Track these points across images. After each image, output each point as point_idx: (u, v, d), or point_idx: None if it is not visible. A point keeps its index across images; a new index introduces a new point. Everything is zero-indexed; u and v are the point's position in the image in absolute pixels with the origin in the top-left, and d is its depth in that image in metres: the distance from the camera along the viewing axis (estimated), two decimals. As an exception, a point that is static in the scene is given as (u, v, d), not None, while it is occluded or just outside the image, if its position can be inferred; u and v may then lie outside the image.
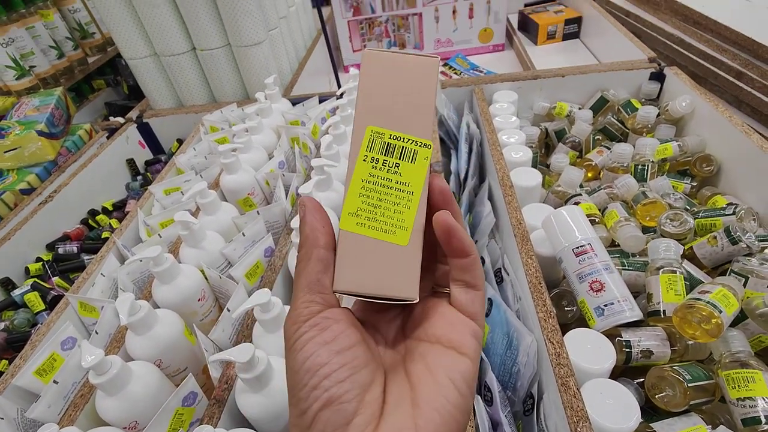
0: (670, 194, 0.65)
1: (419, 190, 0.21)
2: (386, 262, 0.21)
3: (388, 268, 0.21)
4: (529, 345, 0.46)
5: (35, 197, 0.80)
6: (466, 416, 0.19)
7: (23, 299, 0.66)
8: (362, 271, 0.21)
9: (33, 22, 1.04)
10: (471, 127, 0.81)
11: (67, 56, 1.15)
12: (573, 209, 0.53)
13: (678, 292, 0.47)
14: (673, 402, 0.41)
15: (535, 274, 0.50)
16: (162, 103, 1.04)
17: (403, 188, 0.21)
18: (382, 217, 0.21)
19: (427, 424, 0.18)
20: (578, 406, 0.38)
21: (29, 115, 0.89)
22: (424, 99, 0.22)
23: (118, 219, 0.83)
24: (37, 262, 0.73)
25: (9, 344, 0.62)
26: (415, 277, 0.21)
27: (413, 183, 0.21)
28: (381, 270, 0.21)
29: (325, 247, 0.21)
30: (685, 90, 0.79)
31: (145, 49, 0.96)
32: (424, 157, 0.21)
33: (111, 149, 0.93)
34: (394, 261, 0.21)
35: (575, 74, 0.90)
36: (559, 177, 0.72)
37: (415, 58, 0.22)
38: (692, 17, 0.98)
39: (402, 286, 0.20)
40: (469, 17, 1.30)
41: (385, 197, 0.21)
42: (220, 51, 0.95)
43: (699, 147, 0.74)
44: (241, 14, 0.89)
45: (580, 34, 1.27)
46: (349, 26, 1.32)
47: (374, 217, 0.21)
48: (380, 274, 0.21)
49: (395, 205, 0.21)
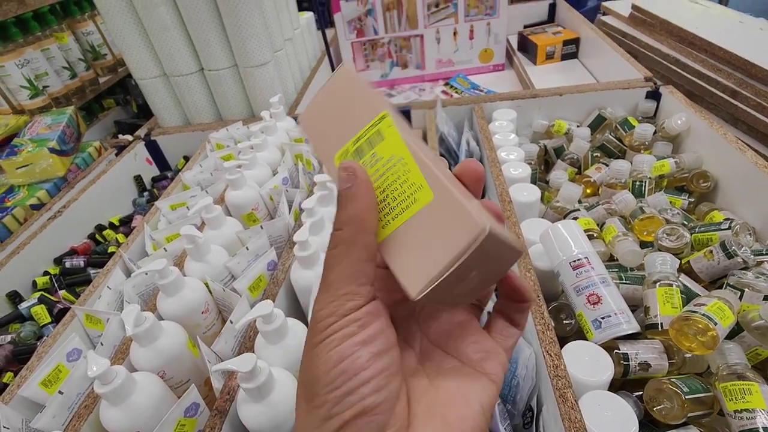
0: (667, 209, 0.66)
1: (406, 151, 0.20)
2: (434, 226, 0.18)
3: (441, 229, 0.17)
4: (527, 357, 0.47)
5: (44, 212, 0.82)
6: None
7: (30, 312, 0.67)
8: (426, 253, 0.17)
9: (48, 44, 1.08)
10: (471, 144, 0.82)
11: (79, 76, 1.19)
12: (570, 224, 0.54)
13: (675, 305, 0.47)
14: (672, 414, 0.41)
15: (533, 287, 0.51)
16: (170, 121, 1.07)
17: (392, 163, 0.20)
18: (397, 199, 0.19)
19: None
20: (576, 417, 0.39)
21: (41, 133, 0.92)
22: (356, 91, 0.22)
23: (125, 234, 0.84)
24: (44, 276, 0.74)
25: (15, 356, 0.63)
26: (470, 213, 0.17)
27: (396, 152, 0.20)
28: (438, 237, 0.17)
29: (373, 233, 0.18)
30: (681, 108, 0.81)
31: (155, 70, 0.99)
32: (387, 125, 0.21)
33: (119, 166, 0.96)
34: (439, 219, 0.18)
35: (573, 93, 0.92)
36: (557, 193, 0.74)
37: (331, 80, 0.24)
38: (687, 38, 1.01)
39: (467, 230, 0.17)
40: (469, 38, 1.34)
41: (385, 184, 0.20)
42: (227, 71, 0.98)
43: (696, 163, 0.75)
44: (248, 36, 0.92)
45: (578, 55, 1.30)
46: (353, 47, 1.36)
47: (391, 206, 0.19)
48: (441, 241, 0.17)
49: (397, 180, 0.19)
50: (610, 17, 1.34)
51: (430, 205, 0.18)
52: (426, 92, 1.36)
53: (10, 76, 1.00)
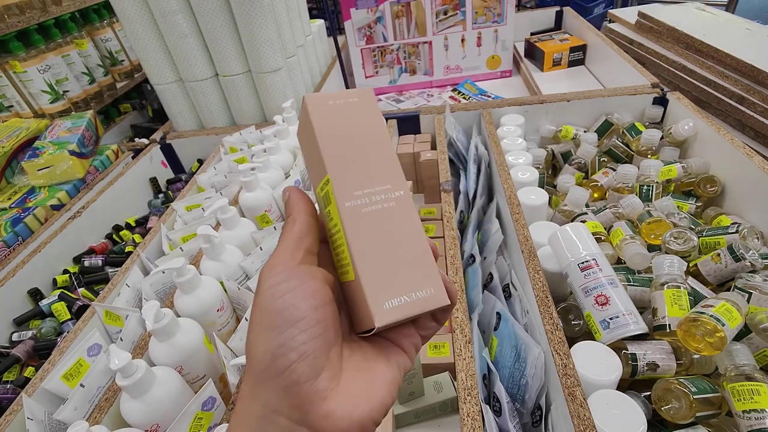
0: (674, 214, 0.66)
1: (340, 225, 0.22)
2: (356, 301, 0.22)
3: (359, 306, 0.22)
4: (536, 357, 0.47)
5: (64, 212, 0.84)
6: None
7: (50, 309, 0.69)
8: (357, 316, 0.22)
9: (68, 50, 1.12)
10: (479, 149, 0.84)
11: (97, 82, 1.23)
12: (578, 226, 0.55)
13: (683, 306, 0.48)
14: (680, 414, 0.42)
15: (542, 289, 0.52)
16: (185, 125, 1.10)
17: (336, 229, 0.23)
18: (342, 263, 0.23)
19: (378, 408, 0.20)
20: (585, 415, 0.40)
21: (62, 136, 0.95)
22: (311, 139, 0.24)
23: (141, 234, 0.86)
24: (64, 274, 0.76)
25: (36, 351, 0.65)
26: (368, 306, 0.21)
27: (337, 220, 0.22)
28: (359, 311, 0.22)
29: (307, 213, 0.23)
30: (688, 114, 0.81)
31: (171, 75, 1.02)
32: (331, 191, 0.22)
33: (135, 168, 0.98)
34: (357, 298, 0.22)
35: (580, 99, 0.93)
36: (565, 197, 0.75)
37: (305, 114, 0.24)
38: (694, 45, 1.02)
39: (368, 318, 0.21)
40: (477, 45, 1.36)
41: (336, 244, 0.23)
42: (241, 77, 1.00)
43: (703, 168, 0.75)
44: (262, 43, 0.94)
45: (585, 61, 1.31)
46: (362, 54, 1.39)
47: (342, 264, 0.23)
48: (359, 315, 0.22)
49: (340, 247, 0.23)
50: (616, 24, 1.35)
51: (353, 284, 0.22)
52: (434, 98, 1.38)
53: (32, 81, 1.04)
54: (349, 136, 0.23)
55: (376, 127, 0.24)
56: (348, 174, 0.22)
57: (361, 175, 0.23)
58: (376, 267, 0.21)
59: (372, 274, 0.21)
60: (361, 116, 0.24)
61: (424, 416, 0.57)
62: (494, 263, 0.65)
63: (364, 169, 0.23)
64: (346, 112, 0.24)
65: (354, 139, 0.23)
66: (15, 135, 0.98)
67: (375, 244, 0.22)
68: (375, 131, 0.24)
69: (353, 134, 0.23)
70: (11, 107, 1.10)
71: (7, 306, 0.69)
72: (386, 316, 0.21)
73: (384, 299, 0.21)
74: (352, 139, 0.23)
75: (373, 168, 0.23)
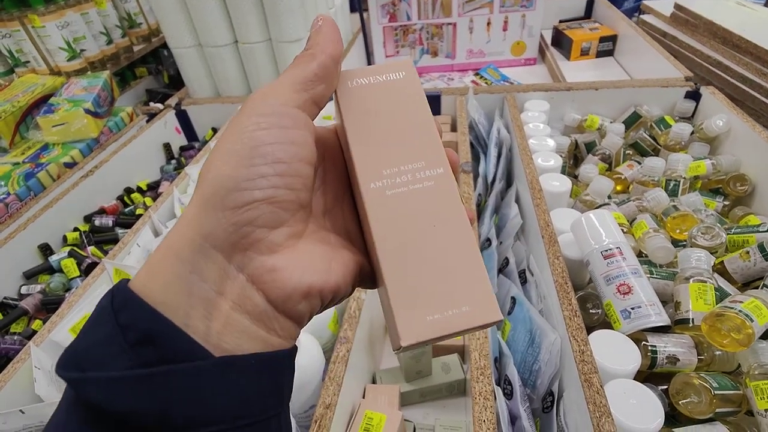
0: (701, 210, 0.64)
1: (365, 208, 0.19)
2: (385, 305, 0.19)
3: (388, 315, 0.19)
4: (552, 342, 0.46)
5: (77, 171, 0.83)
6: None
7: (60, 264, 0.69)
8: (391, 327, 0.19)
9: (87, 8, 1.10)
10: (501, 132, 0.81)
11: (115, 43, 1.21)
12: (603, 213, 0.53)
13: (708, 301, 0.46)
14: (698, 409, 0.41)
15: (561, 274, 0.50)
16: (200, 92, 1.08)
17: (362, 214, 0.20)
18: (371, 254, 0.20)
19: (331, 286, 0.18)
20: (601, 402, 0.38)
21: (77, 94, 0.93)
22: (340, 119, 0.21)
23: (152, 198, 0.86)
24: (74, 232, 0.76)
25: (44, 305, 0.64)
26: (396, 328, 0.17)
27: (361, 204, 0.20)
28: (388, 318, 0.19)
29: (331, 56, 0.19)
30: (722, 109, 0.78)
31: (190, 40, 1.00)
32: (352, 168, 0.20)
33: (149, 132, 0.97)
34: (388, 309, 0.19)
35: (609, 88, 0.90)
36: (587, 187, 0.72)
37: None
38: (732, 40, 0.98)
39: (396, 339, 0.18)
40: (503, 29, 1.32)
41: (366, 235, 0.21)
42: (260, 45, 0.98)
43: (733, 166, 0.73)
44: (284, 11, 0.92)
45: (614, 53, 1.27)
46: (384, 32, 1.35)
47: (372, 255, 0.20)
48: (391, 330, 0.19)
49: (368, 239, 0.20)
50: (650, 16, 1.30)
51: (384, 289, 0.18)
52: (455, 82, 1.34)
53: (49, 36, 1.02)
54: (381, 111, 0.21)
55: (415, 104, 0.21)
56: (376, 150, 0.20)
57: (391, 152, 0.20)
58: (407, 270, 0.18)
59: (401, 277, 0.18)
60: (400, 93, 0.21)
61: (430, 396, 0.57)
62: (511, 248, 0.64)
63: (397, 145, 0.20)
64: (383, 87, 0.21)
65: (386, 114, 0.20)
66: (30, 91, 0.97)
67: (405, 239, 0.18)
68: (414, 108, 0.21)
69: (386, 109, 0.21)
70: (28, 62, 1.09)
71: (18, 259, 0.69)
72: (415, 334, 0.17)
73: (416, 313, 0.17)
74: (384, 114, 0.20)
75: (410, 144, 0.20)
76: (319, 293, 0.17)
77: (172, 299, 0.15)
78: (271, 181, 0.16)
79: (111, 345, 0.14)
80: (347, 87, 0.21)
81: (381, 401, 0.49)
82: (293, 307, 0.17)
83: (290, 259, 0.17)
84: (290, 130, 0.17)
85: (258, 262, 0.16)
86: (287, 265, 0.17)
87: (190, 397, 0.14)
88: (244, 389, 0.15)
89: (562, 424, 0.43)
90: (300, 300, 0.17)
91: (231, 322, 0.16)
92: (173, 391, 0.14)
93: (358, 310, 0.50)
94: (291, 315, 0.17)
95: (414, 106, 0.21)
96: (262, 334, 0.16)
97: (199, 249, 0.16)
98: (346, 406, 0.44)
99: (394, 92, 0.21)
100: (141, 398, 0.14)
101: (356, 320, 0.48)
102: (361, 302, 0.51)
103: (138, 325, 0.15)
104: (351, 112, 0.20)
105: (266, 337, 0.17)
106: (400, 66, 0.22)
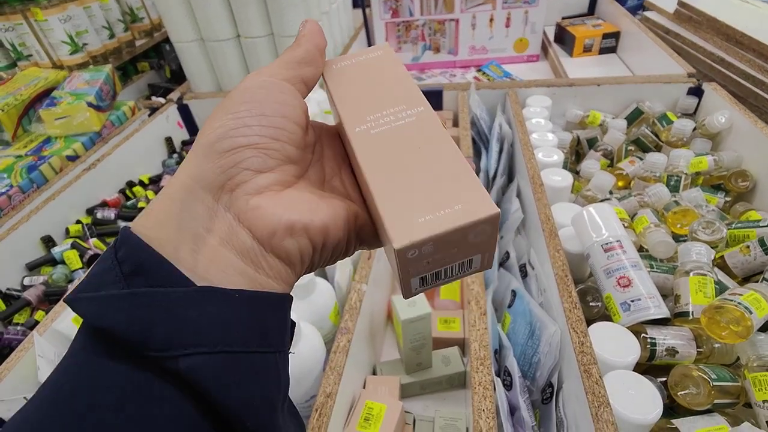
0: (702, 206, 0.64)
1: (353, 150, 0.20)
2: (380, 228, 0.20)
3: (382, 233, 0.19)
4: (551, 335, 0.46)
5: (79, 164, 0.84)
6: None
7: (62, 256, 0.69)
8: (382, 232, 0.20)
9: (90, 2, 1.10)
10: (503, 128, 0.81)
11: (117, 37, 1.21)
12: (604, 206, 0.53)
13: (707, 294, 0.46)
14: (697, 401, 0.41)
15: (562, 267, 0.51)
16: (202, 86, 1.08)
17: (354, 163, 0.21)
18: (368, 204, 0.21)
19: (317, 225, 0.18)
20: (600, 392, 0.39)
21: (80, 87, 0.94)
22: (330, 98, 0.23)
23: (154, 192, 0.86)
24: (77, 224, 0.76)
25: (46, 296, 0.65)
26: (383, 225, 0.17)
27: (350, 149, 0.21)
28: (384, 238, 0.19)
29: (315, 46, 0.21)
30: (724, 105, 0.78)
31: (192, 34, 1.00)
32: (341, 123, 0.22)
33: (151, 126, 0.97)
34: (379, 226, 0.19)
35: (611, 84, 0.90)
36: (588, 183, 0.72)
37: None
38: (735, 37, 0.98)
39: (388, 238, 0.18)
40: (505, 26, 1.32)
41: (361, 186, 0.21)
42: (262, 40, 0.98)
43: (735, 163, 0.73)
44: (287, 5, 0.92)
45: (617, 49, 1.27)
46: (386, 28, 1.35)
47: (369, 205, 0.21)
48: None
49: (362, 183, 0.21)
50: (653, 13, 1.30)
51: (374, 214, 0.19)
52: (457, 78, 1.34)
53: (52, 30, 1.02)
54: (362, 77, 0.23)
55: (393, 70, 0.23)
56: (359, 104, 0.21)
57: (373, 103, 0.21)
58: (395, 183, 0.18)
59: (389, 190, 0.18)
60: (379, 64, 0.23)
61: (429, 388, 0.57)
62: (512, 242, 0.64)
63: (377, 98, 0.21)
64: (364, 64, 0.23)
65: (367, 79, 0.22)
66: (33, 84, 0.97)
67: (392, 161, 0.19)
68: (392, 72, 0.23)
69: (367, 75, 0.23)
70: (30, 56, 1.09)
71: (21, 250, 0.70)
72: (407, 235, 0.16)
73: (406, 217, 0.17)
74: (366, 80, 0.22)
75: (389, 95, 0.21)
76: (305, 231, 0.18)
77: (164, 235, 0.16)
78: (254, 130, 0.18)
79: (108, 275, 0.16)
80: (333, 69, 0.23)
81: (381, 392, 0.49)
82: (279, 244, 0.17)
83: (274, 199, 0.18)
84: (277, 93, 0.19)
85: (243, 201, 0.17)
86: (270, 203, 0.18)
87: (171, 318, 0.15)
88: (225, 318, 0.16)
89: (561, 415, 0.43)
90: (284, 236, 0.17)
91: (218, 257, 0.17)
92: (154, 311, 0.15)
93: (359, 301, 0.50)
94: (278, 253, 0.18)
95: (392, 69, 0.23)
96: (249, 272, 0.17)
97: (190, 190, 0.17)
98: (347, 395, 0.45)
99: (374, 63, 0.23)
100: (125, 315, 0.15)
101: (357, 311, 0.49)
102: (361, 294, 0.51)
103: (131, 259, 0.16)
104: (336, 83, 0.23)
105: (254, 276, 0.17)
106: (378, 48, 0.24)
